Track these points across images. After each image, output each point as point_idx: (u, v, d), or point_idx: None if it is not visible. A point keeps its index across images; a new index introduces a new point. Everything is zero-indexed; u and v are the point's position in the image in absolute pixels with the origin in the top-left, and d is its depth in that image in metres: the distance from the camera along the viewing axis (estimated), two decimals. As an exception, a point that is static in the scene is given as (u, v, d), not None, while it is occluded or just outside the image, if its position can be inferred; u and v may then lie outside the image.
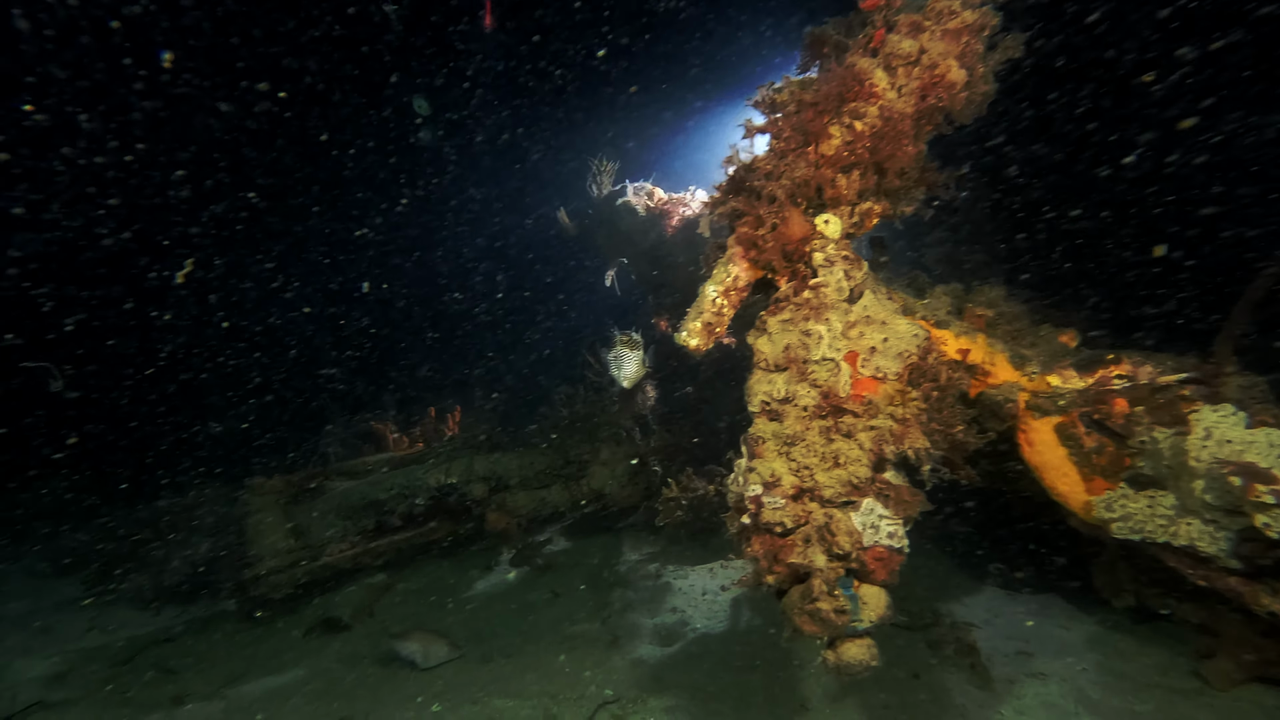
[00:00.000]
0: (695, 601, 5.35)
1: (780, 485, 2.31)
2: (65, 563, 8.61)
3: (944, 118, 2.36)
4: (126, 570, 7.57)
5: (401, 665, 4.73)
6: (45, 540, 9.45)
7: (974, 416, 2.62)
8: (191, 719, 4.69)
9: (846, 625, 2.21)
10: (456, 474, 5.74)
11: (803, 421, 2.34)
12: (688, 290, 6.99)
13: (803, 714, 3.39)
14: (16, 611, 7.44)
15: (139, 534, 7.74)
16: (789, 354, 2.43)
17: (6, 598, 8.09)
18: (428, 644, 4.54)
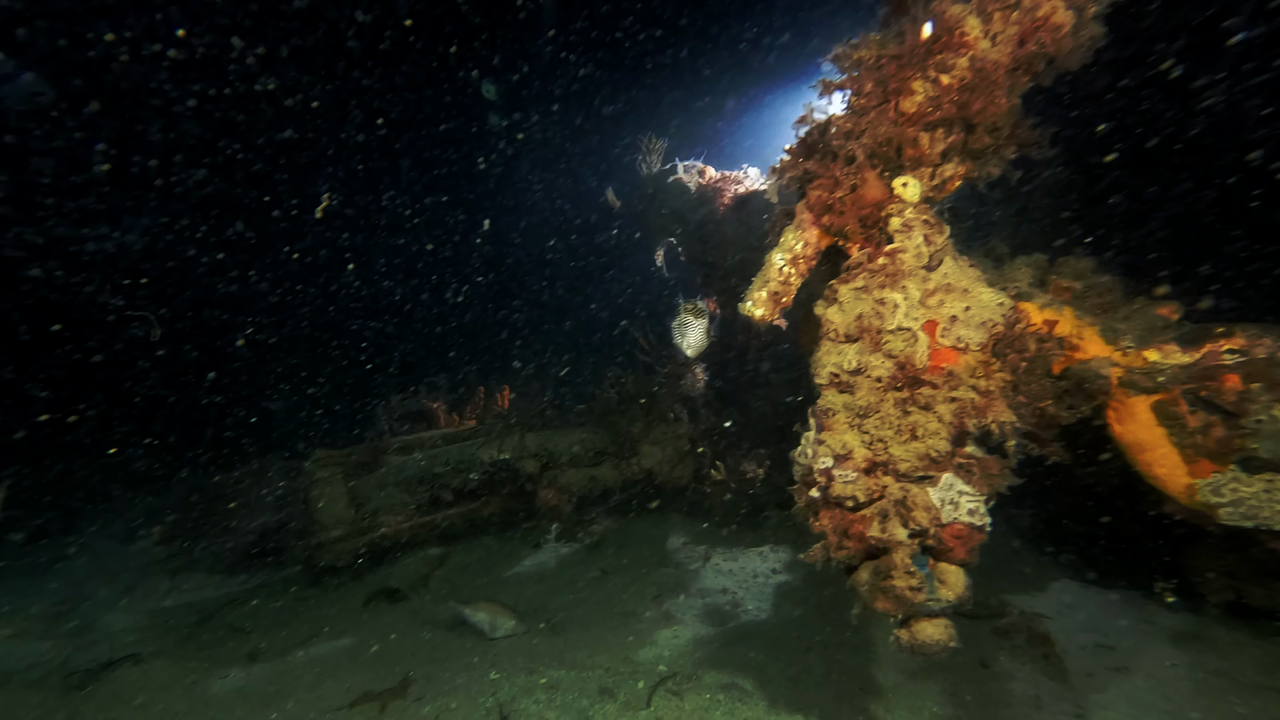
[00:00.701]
0: (746, 583, 5.35)
1: (852, 458, 2.27)
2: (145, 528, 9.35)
3: (1046, 65, 2.20)
4: (201, 536, 8.16)
5: (467, 633, 4.93)
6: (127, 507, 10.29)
7: (1061, 392, 2.48)
8: (264, 674, 5.04)
9: (922, 604, 2.16)
10: (509, 450, 5.89)
11: (876, 393, 2.28)
12: (739, 269, 6.92)
13: (865, 696, 3.35)
14: (105, 571, 8.15)
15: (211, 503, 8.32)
16: (862, 324, 2.36)
17: (96, 557, 8.87)
18: (495, 615, 4.70)
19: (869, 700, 3.31)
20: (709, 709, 3.41)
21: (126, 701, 4.46)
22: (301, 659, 5.20)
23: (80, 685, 4.70)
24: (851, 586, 2.38)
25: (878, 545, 2.20)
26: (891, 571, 2.15)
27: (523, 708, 3.70)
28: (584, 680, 3.95)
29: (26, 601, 7.03)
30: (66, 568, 8.50)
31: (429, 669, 4.53)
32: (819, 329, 2.60)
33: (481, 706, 3.78)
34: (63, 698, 4.49)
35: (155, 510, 9.51)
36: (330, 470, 5.95)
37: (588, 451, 6.05)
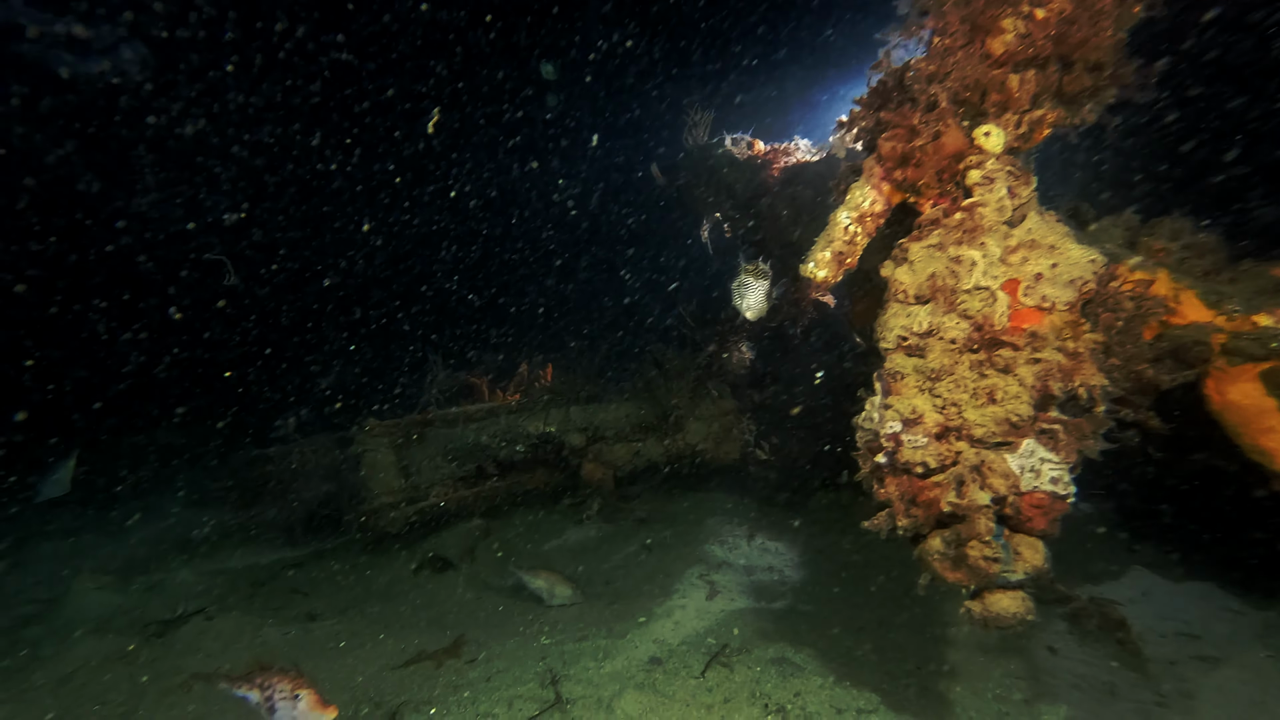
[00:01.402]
0: (792, 561, 5.32)
1: (922, 423, 2.20)
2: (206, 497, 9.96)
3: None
4: (259, 505, 8.64)
5: (520, 599, 5.08)
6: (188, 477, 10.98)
7: (1158, 355, 2.33)
8: (323, 633, 5.33)
9: (997, 575, 2.09)
10: (555, 423, 5.99)
11: (950, 355, 2.20)
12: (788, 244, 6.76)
13: (922, 674, 3.30)
14: (170, 536, 8.75)
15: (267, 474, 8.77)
16: (934, 283, 2.27)
17: (161, 523, 9.53)
18: (553, 582, 4.80)
19: (926, 678, 3.25)
20: (759, 681, 3.42)
21: (198, 650, 4.79)
22: (357, 620, 5.47)
23: (157, 634, 5.08)
24: (918, 556, 2.32)
25: (950, 513, 2.14)
26: (965, 540, 2.09)
27: (573, 673, 3.80)
28: (633, 649, 4.02)
29: (102, 561, 7.63)
30: (134, 532, 9.15)
31: (481, 633, 4.70)
32: (884, 291, 2.52)
33: (532, 669, 3.90)
34: (142, 644, 4.86)
35: (215, 480, 10.12)
36: (380, 439, 6.18)
37: (632, 426, 6.09)
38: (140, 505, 10.14)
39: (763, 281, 3.15)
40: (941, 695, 3.05)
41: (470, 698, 3.71)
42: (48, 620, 5.90)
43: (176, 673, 4.49)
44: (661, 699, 3.38)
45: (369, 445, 6.18)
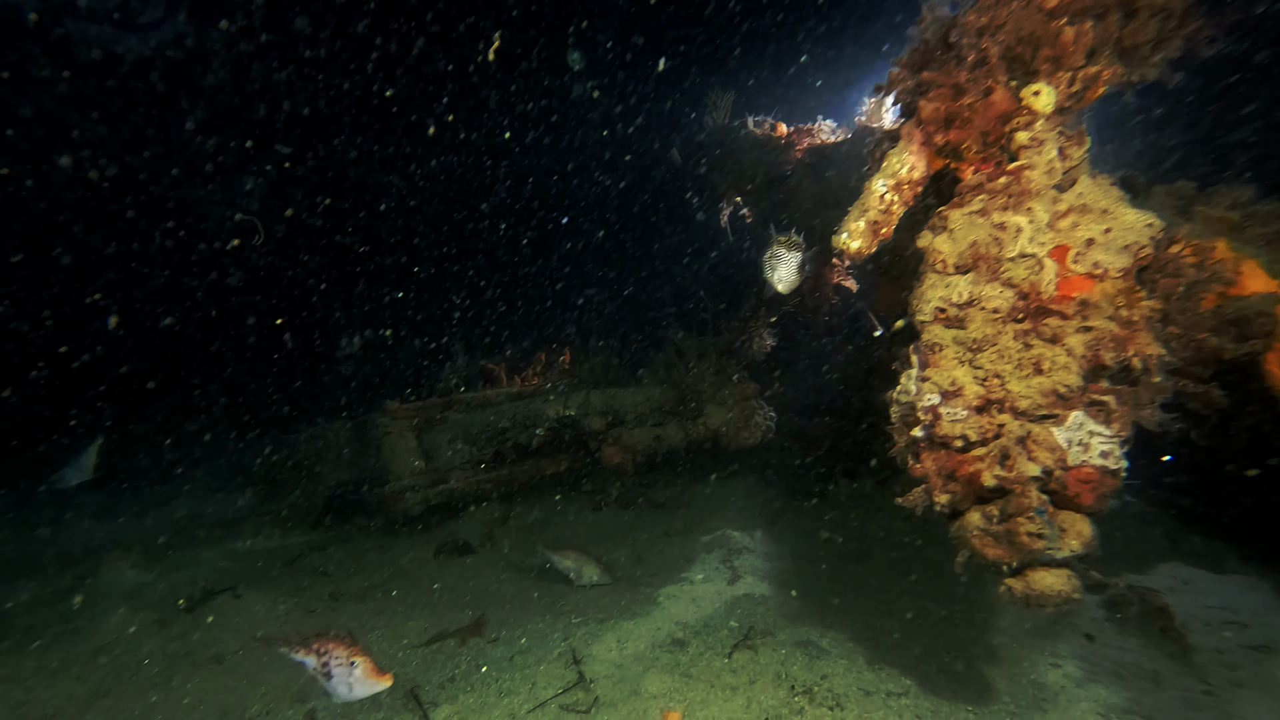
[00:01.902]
0: (815, 547, 5.27)
1: (962, 395, 2.14)
2: (232, 481, 10.19)
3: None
4: (283, 489, 8.81)
5: (541, 580, 5.11)
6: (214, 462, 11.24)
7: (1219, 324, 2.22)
8: (347, 612, 5.42)
9: (1041, 552, 2.03)
10: (575, 406, 5.99)
11: (993, 325, 2.13)
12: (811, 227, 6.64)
13: (952, 658, 3.24)
14: (198, 518, 8.97)
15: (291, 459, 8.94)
16: (976, 251, 2.19)
17: (193, 502, 9.78)
18: (582, 563, 4.79)
19: (958, 662, 3.20)
20: (785, 663, 3.40)
21: (228, 627, 4.90)
22: (380, 600, 5.56)
23: (188, 609, 5.21)
24: (956, 533, 2.27)
25: (991, 488, 2.08)
26: (1008, 516, 2.03)
27: (595, 652, 3.81)
28: (655, 631, 4.02)
29: (131, 541, 7.84)
30: (162, 515, 9.39)
31: (503, 613, 4.74)
32: (919, 264, 2.45)
33: (554, 649, 3.92)
34: (174, 619, 4.99)
35: (240, 465, 10.34)
36: (400, 422, 6.24)
37: (652, 410, 6.06)
38: (167, 489, 10.41)
39: (795, 253, 3.08)
40: (974, 679, 3.00)
41: (492, 675, 3.74)
42: (82, 596, 6.09)
43: (207, 646, 4.61)
44: (686, 679, 3.37)
45: (390, 427, 6.25)
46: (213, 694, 3.96)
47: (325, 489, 7.95)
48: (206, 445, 11.64)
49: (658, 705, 3.18)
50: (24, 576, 6.88)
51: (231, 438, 11.39)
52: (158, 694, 3.98)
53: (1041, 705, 2.68)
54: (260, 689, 4.00)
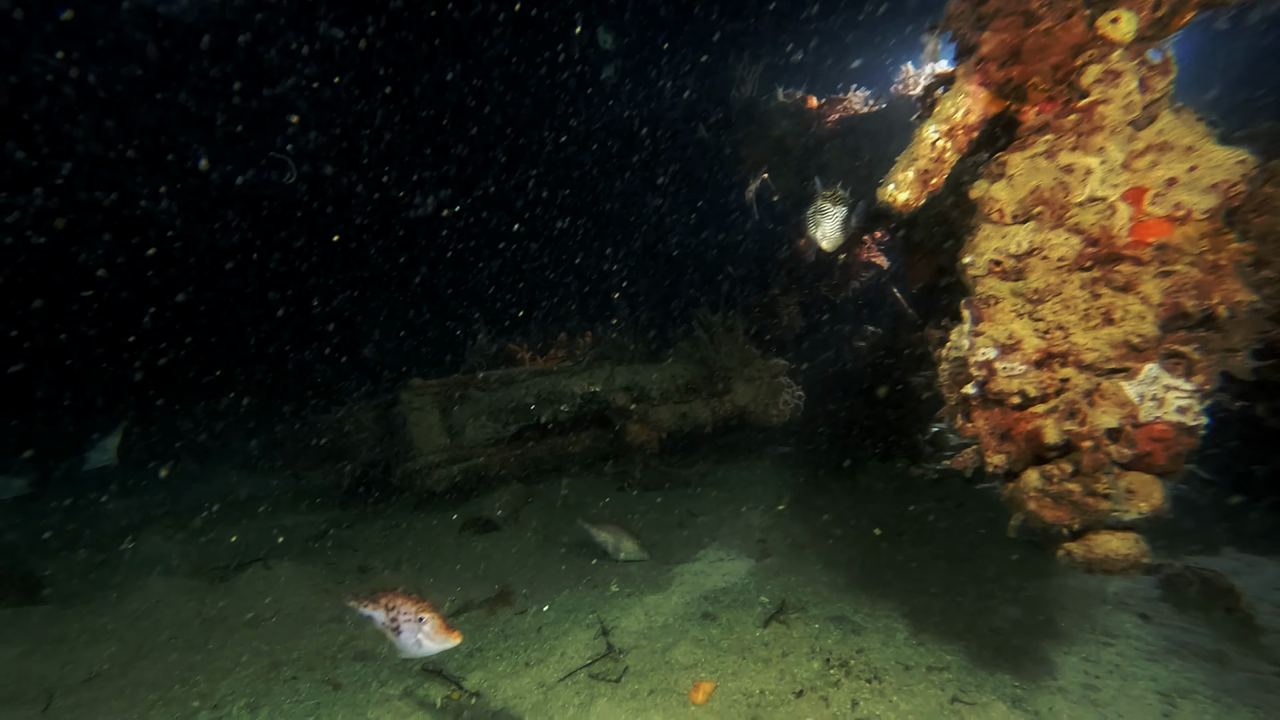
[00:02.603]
0: (848, 526, 5.18)
1: (1020, 349, 2.02)
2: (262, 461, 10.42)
3: None
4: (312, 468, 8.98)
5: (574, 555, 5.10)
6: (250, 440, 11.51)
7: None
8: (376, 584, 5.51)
9: (1106, 514, 1.92)
10: (600, 382, 5.95)
11: (1057, 274, 2.00)
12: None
13: (994, 634, 3.14)
14: (231, 496, 9.19)
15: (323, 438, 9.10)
16: (1038, 197, 2.07)
17: (226, 482, 10.03)
18: (620, 537, 4.71)
19: (1004, 638, 3.09)
20: (819, 637, 3.33)
21: (260, 595, 5.00)
22: (407, 573, 5.63)
23: (221, 579, 5.33)
24: (1009, 497, 2.17)
25: (1052, 445, 1.97)
26: (1069, 475, 1.92)
27: (624, 624, 3.79)
28: (685, 605, 3.98)
29: (166, 517, 8.07)
30: (195, 493, 9.65)
31: (530, 586, 4.75)
32: (975, 213, 2.32)
33: (582, 621, 3.91)
34: (208, 587, 5.11)
35: (271, 446, 10.56)
36: (425, 398, 6.27)
37: (679, 387, 5.99)
38: (200, 469, 10.70)
39: (840, 208, 2.95)
40: (1020, 656, 2.90)
41: (521, 645, 3.74)
42: (121, 567, 6.28)
43: (242, 612, 4.71)
44: (716, 651, 3.33)
45: (415, 404, 6.28)
46: (249, 656, 4.05)
47: (353, 468, 8.07)
48: (239, 427, 11.94)
49: (689, 676, 3.15)
50: (68, 549, 7.14)
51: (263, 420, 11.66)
52: (196, 655, 4.08)
53: (1094, 684, 2.57)
54: (293, 653, 4.07)
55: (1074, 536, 2.03)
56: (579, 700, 3.02)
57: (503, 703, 3.05)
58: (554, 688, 3.18)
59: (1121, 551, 1.92)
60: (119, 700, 3.60)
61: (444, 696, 3.22)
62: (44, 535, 7.46)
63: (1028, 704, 2.48)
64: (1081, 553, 2.00)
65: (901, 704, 2.66)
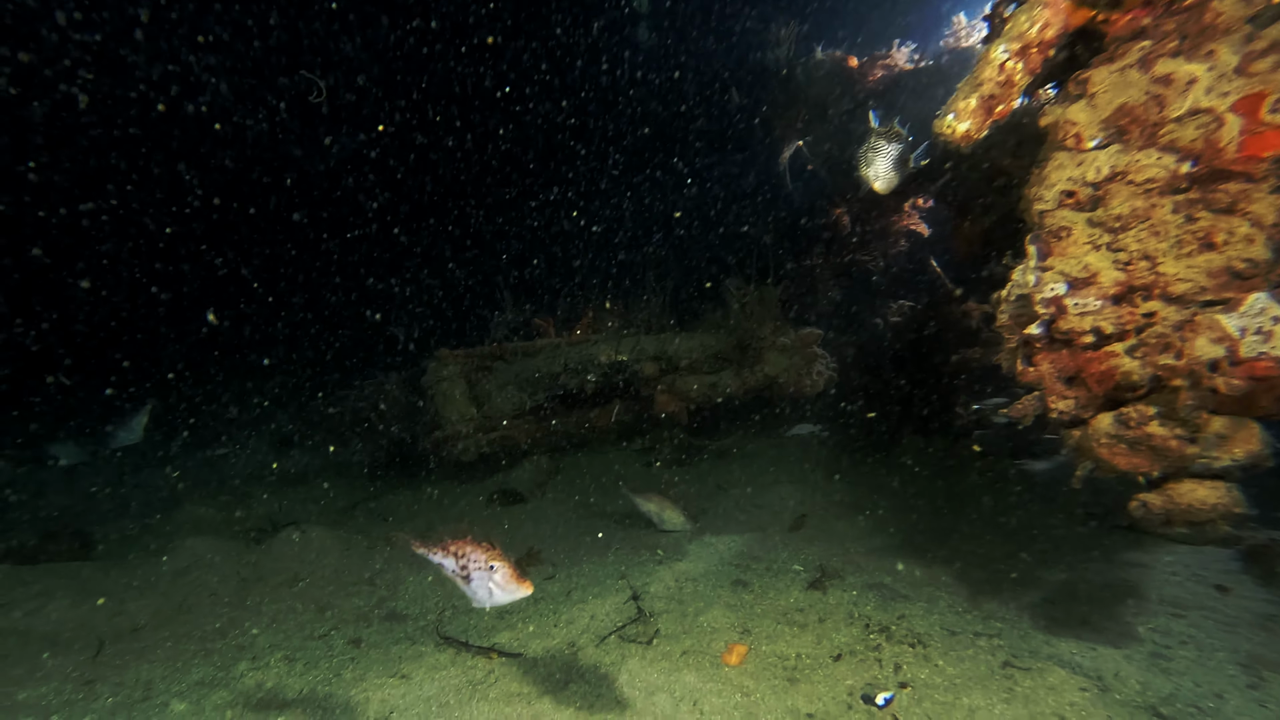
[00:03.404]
0: (885, 498, 5.03)
1: (1096, 282, 1.85)
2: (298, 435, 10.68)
3: None
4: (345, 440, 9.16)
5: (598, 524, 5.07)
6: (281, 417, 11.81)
7: None
8: (406, 550, 5.58)
9: (1193, 460, 1.76)
10: (627, 351, 5.86)
11: (1144, 199, 1.82)
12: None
13: (1050, 605, 2.99)
14: (265, 470, 9.44)
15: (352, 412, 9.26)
16: (1126, 115, 1.88)
17: (260, 456, 10.32)
18: (664, 507, 4.58)
19: (1054, 608, 2.94)
20: (857, 603, 3.22)
21: (295, 556, 5.10)
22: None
23: (257, 541, 5.46)
24: (1076, 445, 2.01)
25: (1128, 386, 1.81)
26: (1149, 418, 1.76)
27: (654, 590, 3.73)
28: (717, 573, 3.91)
29: (204, 488, 8.34)
30: (230, 467, 9.94)
31: (558, 554, 4.74)
32: (1044, 144, 2.14)
33: (612, 586, 3.87)
34: (245, 549, 5.24)
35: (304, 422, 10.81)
36: (452, 368, 6.28)
37: (708, 357, 5.86)
38: (235, 445, 11.03)
39: (896, 145, 2.76)
40: (1081, 625, 2.74)
41: (550, 608, 3.72)
42: (164, 529, 6.50)
43: (277, 573, 4.81)
44: (750, 616, 3.24)
45: (441, 374, 6.30)
46: (284, 613, 4.13)
47: (382, 441, 8.20)
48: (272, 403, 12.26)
49: (721, 639, 3.08)
50: (116, 512, 7.44)
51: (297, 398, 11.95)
52: (235, 610, 4.18)
53: (1165, 653, 2.41)
54: (327, 612, 4.14)
55: (1151, 486, 1.87)
56: (609, 660, 2.98)
57: (532, 662, 3.02)
58: (584, 648, 3.15)
59: (1210, 501, 1.76)
60: (162, 650, 3.71)
61: (479, 654, 3.21)
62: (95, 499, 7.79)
63: (1090, 670, 2.34)
64: (1160, 503, 1.84)
65: (948, 668, 2.54)
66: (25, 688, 3.25)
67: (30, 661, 3.54)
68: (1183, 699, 2.10)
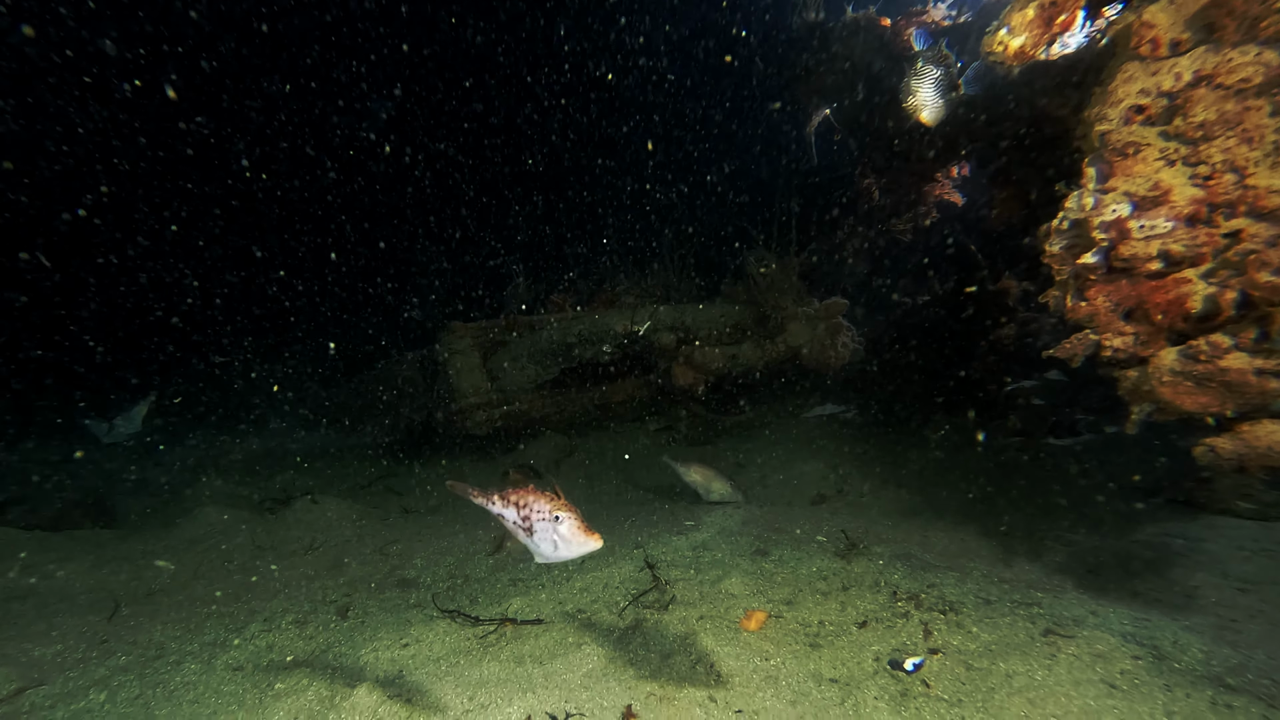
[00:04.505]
0: (912, 476, 4.87)
1: (1168, 201, 1.68)
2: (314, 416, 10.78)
3: None
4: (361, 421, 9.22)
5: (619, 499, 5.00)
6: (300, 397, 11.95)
7: None
8: (419, 521, 5.57)
9: (1274, 397, 1.59)
10: (643, 321, 5.75)
11: (1237, 101, 1.64)
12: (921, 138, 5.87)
13: (1096, 576, 2.83)
14: (282, 450, 9.56)
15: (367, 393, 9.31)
16: (1219, 7, 1.69)
17: (276, 437, 10.46)
18: (709, 478, 4.44)
19: (1095, 577, 2.78)
20: (884, 572, 3.09)
21: (309, 528, 5.12)
22: (449, 515, 5.67)
23: (271, 510, 5.50)
24: (1133, 386, 1.85)
25: (1203, 315, 1.64)
26: (1226, 349, 1.59)
27: (670, 558, 3.64)
28: (735, 541, 3.80)
29: (224, 463, 8.46)
30: (248, 447, 10.08)
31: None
32: (1114, 54, 1.96)
33: (627, 555, 3.79)
34: (260, 519, 5.27)
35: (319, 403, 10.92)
36: (465, 341, 6.23)
37: (728, 327, 5.71)
38: (253, 426, 11.20)
39: (942, 70, 2.55)
40: (1132, 597, 2.58)
41: (563, 576, 3.65)
42: (182, 502, 6.59)
43: (289, 541, 4.83)
44: (769, 583, 3.14)
45: (455, 347, 6.25)
46: (298, 579, 4.13)
47: (397, 421, 8.22)
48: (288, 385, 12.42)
49: (739, 605, 2.97)
50: (136, 486, 7.57)
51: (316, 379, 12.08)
52: (249, 576, 4.20)
53: (1231, 625, 2.24)
54: (340, 579, 4.13)
55: (1220, 429, 1.70)
56: (624, 625, 2.90)
57: (545, 627, 2.96)
58: (598, 614, 3.07)
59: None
60: (177, 612, 3.73)
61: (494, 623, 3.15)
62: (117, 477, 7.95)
63: (1143, 639, 2.19)
64: (1232, 447, 1.68)
65: (983, 634, 2.41)
66: (41, 645, 3.28)
67: (47, 621, 3.58)
68: (1253, 670, 1.95)
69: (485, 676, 2.61)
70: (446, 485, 2.42)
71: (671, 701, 2.33)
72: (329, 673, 2.78)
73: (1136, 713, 1.80)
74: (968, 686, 2.17)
